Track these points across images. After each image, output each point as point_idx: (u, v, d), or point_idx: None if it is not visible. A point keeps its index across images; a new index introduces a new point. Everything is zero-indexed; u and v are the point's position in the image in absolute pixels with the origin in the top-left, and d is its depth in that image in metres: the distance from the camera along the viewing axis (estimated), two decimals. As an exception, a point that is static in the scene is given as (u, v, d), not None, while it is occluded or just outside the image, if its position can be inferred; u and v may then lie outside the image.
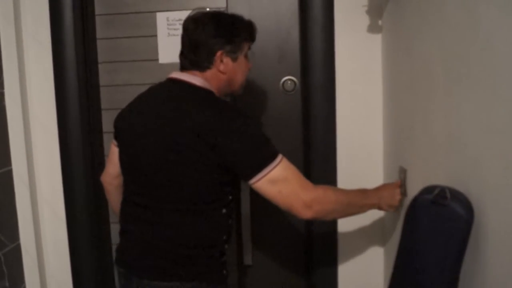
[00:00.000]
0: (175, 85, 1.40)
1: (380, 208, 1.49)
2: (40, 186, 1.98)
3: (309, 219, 1.35)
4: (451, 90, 1.14)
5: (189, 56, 1.41)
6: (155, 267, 1.35)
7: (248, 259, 2.02)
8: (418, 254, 1.13)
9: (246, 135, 1.30)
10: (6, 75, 1.81)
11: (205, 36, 1.37)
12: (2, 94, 1.80)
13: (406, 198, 1.50)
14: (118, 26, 2.01)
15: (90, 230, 2.00)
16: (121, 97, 1.97)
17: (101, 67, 2.04)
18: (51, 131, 1.96)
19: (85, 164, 1.97)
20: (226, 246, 1.43)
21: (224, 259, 1.43)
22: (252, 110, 1.99)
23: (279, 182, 1.29)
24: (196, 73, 1.40)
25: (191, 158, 1.28)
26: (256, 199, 1.66)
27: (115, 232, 1.87)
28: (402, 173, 1.55)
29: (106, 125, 2.04)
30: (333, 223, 1.92)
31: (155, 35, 2.00)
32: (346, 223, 1.90)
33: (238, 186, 1.87)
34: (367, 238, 1.93)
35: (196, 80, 1.38)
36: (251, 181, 1.30)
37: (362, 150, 1.89)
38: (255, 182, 1.29)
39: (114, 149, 1.53)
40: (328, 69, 1.86)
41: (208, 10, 1.47)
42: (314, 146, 1.90)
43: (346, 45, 1.85)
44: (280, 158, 1.31)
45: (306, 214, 1.31)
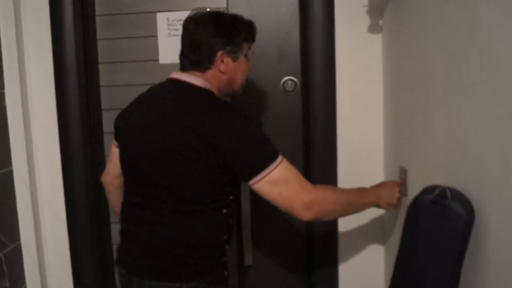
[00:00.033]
0: (176, 85, 1.40)
1: (379, 206, 1.49)
2: (40, 186, 1.98)
3: (309, 220, 1.35)
4: (451, 90, 1.14)
5: (189, 56, 1.41)
6: (156, 268, 1.35)
7: (248, 259, 2.02)
8: (419, 254, 1.13)
9: (246, 136, 1.30)
10: (7, 76, 1.81)
11: (205, 36, 1.37)
12: (3, 95, 1.80)
13: (406, 198, 1.50)
14: (118, 26, 2.01)
15: (91, 230, 2.00)
16: (121, 97, 1.97)
17: (101, 68, 2.04)
18: (52, 132, 1.96)
19: (85, 164, 1.97)
20: (226, 246, 1.43)
21: (224, 259, 1.43)
22: (252, 110, 1.99)
23: (279, 183, 1.29)
24: (196, 73, 1.40)
25: (192, 158, 1.28)
26: (256, 199, 1.65)
27: (116, 232, 1.88)
28: (403, 173, 1.55)
29: (107, 125, 2.04)
30: (333, 223, 1.92)
31: (156, 36, 2.00)
32: (346, 223, 1.90)
33: (238, 186, 1.87)
34: (368, 238, 1.93)
35: (196, 80, 1.38)
36: (251, 182, 1.29)
37: (363, 150, 1.89)
38: (255, 183, 1.29)
39: (114, 149, 1.53)
40: (328, 69, 1.86)
41: (208, 10, 1.47)
42: (314, 146, 1.90)
43: (347, 45, 1.85)
44: (280, 159, 1.30)
45: (306, 216, 1.31)
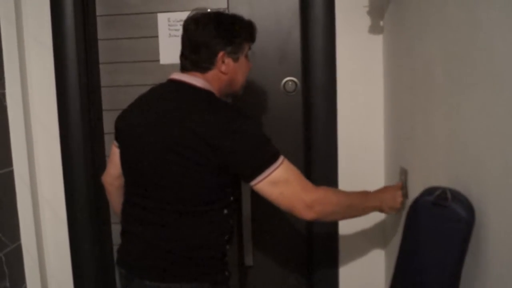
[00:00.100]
0: (176, 86, 1.40)
1: (381, 210, 1.49)
2: (41, 186, 1.98)
3: (310, 220, 1.35)
4: (452, 90, 1.14)
5: (189, 57, 1.40)
6: (156, 268, 1.35)
7: (249, 260, 2.02)
8: (419, 255, 1.12)
9: (247, 137, 1.30)
10: (8, 76, 1.81)
11: (206, 37, 1.37)
12: (4, 95, 1.80)
13: (407, 200, 1.50)
14: (119, 26, 2.01)
15: (91, 230, 2.00)
16: (122, 97, 1.98)
17: (102, 68, 2.04)
18: (52, 132, 1.96)
19: (86, 164, 1.97)
20: (227, 246, 1.43)
21: (225, 260, 1.43)
22: (253, 111, 1.99)
23: (280, 184, 1.29)
24: (196, 74, 1.40)
25: (192, 159, 1.28)
26: (257, 200, 1.66)
27: (116, 232, 1.87)
28: (403, 174, 1.55)
29: (107, 125, 2.04)
30: (334, 224, 1.92)
31: (156, 36, 2.00)
32: (347, 224, 1.89)
33: (239, 186, 1.87)
34: (368, 239, 1.93)
35: (196, 81, 1.38)
36: (252, 182, 1.30)
37: (363, 150, 1.89)
38: (256, 183, 1.29)
39: (115, 150, 1.53)
40: (329, 69, 1.85)
41: (208, 10, 1.47)
42: (315, 146, 1.90)
43: (347, 45, 1.85)
44: (281, 159, 1.30)
45: (308, 215, 1.31)
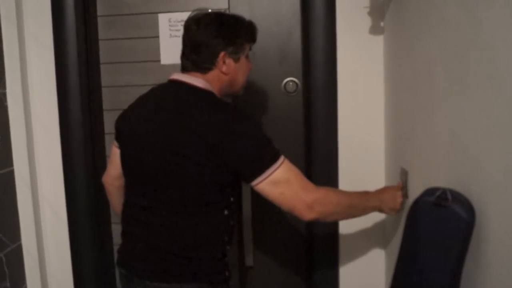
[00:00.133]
0: (176, 86, 1.40)
1: (381, 211, 1.49)
2: (41, 186, 1.98)
3: (311, 221, 1.35)
4: (452, 91, 1.14)
5: (190, 57, 1.40)
6: (157, 269, 1.35)
7: (249, 260, 2.02)
8: (420, 255, 1.13)
9: (248, 137, 1.30)
10: (8, 76, 1.81)
11: (207, 37, 1.37)
12: (4, 95, 1.80)
13: (407, 200, 1.50)
14: (120, 27, 2.02)
15: (92, 230, 2.00)
16: (123, 98, 1.98)
17: (103, 68, 2.04)
18: (53, 132, 1.96)
19: (86, 164, 1.97)
20: (228, 247, 1.43)
21: (226, 260, 1.43)
22: (254, 111, 1.99)
23: (281, 184, 1.29)
24: (197, 74, 1.40)
25: (193, 159, 1.28)
26: (257, 200, 1.66)
27: (117, 232, 1.87)
28: (404, 174, 1.55)
29: (108, 126, 2.04)
30: (334, 224, 1.92)
31: (157, 36, 2.00)
32: (347, 224, 1.90)
33: (239, 187, 1.87)
34: (369, 240, 1.93)
35: (197, 81, 1.38)
36: (253, 183, 1.30)
37: (364, 151, 1.89)
38: (257, 184, 1.29)
39: (115, 150, 1.53)
40: (329, 70, 1.85)
41: (209, 11, 1.47)
42: (315, 147, 1.90)
43: (348, 46, 1.85)
44: (282, 159, 1.30)
45: (308, 216, 1.31)
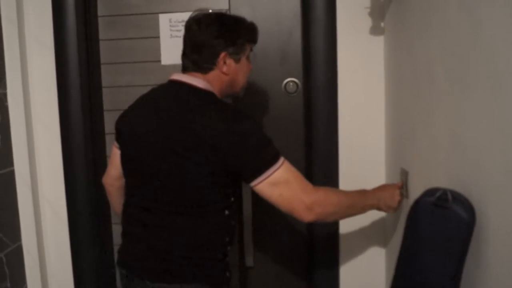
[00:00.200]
0: (177, 87, 1.40)
1: (379, 209, 1.49)
2: (42, 186, 1.98)
3: (309, 222, 1.35)
4: (452, 91, 1.14)
5: (191, 57, 1.40)
6: (158, 269, 1.35)
7: (249, 261, 2.02)
8: (420, 256, 1.12)
9: (248, 137, 1.29)
10: (9, 76, 1.82)
11: (208, 37, 1.37)
12: (5, 95, 1.80)
13: (407, 201, 1.50)
14: (120, 27, 2.02)
15: (92, 230, 2.00)
16: (123, 98, 1.98)
17: (103, 68, 2.05)
18: (54, 132, 1.96)
19: (87, 164, 1.97)
20: (228, 247, 1.42)
21: (227, 261, 1.43)
22: (254, 111, 1.99)
23: (280, 185, 1.29)
24: (197, 75, 1.40)
25: (193, 160, 1.28)
26: (258, 201, 1.65)
27: (117, 233, 1.87)
28: (404, 175, 1.55)
29: (108, 126, 2.04)
30: (334, 225, 1.92)
31: (158, 37, 2.00)
32: (347, 225, 1.89)
33: (240, 187, 1.87)
34: (369, 240, 1.93)
35: (197, 82, 1.38)
36: (253, 183, 1.30)
37: (364, 151, 1.89)
38: (257, 184, 1.29)
39: (115, 151, 1.53)
40: (330, 70, 1.85)
41: (210, 11, 1.47)
42: (316, 147, 1.90)
43: (348, 46, 1.85)
44: (282, 160, 1.30)
45: (308, 217, 1.31)
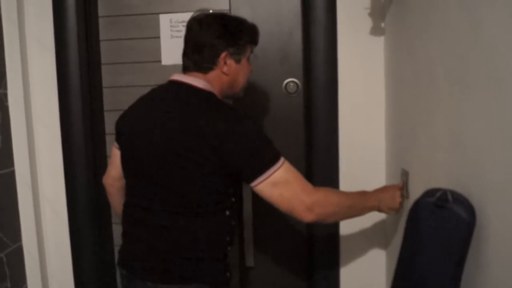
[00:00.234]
0: (177, 87, 1.40)
1: (380, 210, 1.49)
2: (42, 187, 1.98)
3: (310, 222, 1.35)
4: (452, 91, 1.14)
5: (192, 57, 1.40)
6: (158, 270, 1.35)
7: (250, 261, 2.02)
8: (420, 256, 1.12)
9: (248, 138, 1.30)
10: (9, 76, 1.82)
11: (209, 37, 1.37)
12: (5, 95, 1.80)
13: (408, 201, 1.50)
14: (121, 27, 2.02)
15: (92, 231, 2.00)
16: (124, 98, 1.98)
17: (104, 69, 2.05)
18: (54, 132, 1.96)
19: (87, 165, 1.97)
20: (229, 248, 1.42)
21: (227, 261, 1.43)
22: (254, 112, 1.99)
23: (280, 185, 1.29)
24: (198, 75, 1.40)
25: (194, 160, 1.28)
26: (258, 201, 1.65)
27: (117, 233, 1.88)
28: (404, 175, 1.55)
29: (109, 126, 2.04)
30: (335, 226, 1.92)
31: (158, 37, 2.00)
32: (348, 225, 1.89)
33: (240, 187, 1.87)
34: (369, 241, 1.93)
35: (198, 82, 1.38)
36: (253, 183, 1.30)
37: (364, 151, 1.89)
38: (257, 184, 1.29)
39: (115, 151, 1.53)
40: (330, 71, 1.85)
41: (211, 11, 1.47)
42: (316, 147, 1.90)
43: (349, 46, 1.85)
44: (282, 160, 1.30)
45: (308, 217, 1.31)
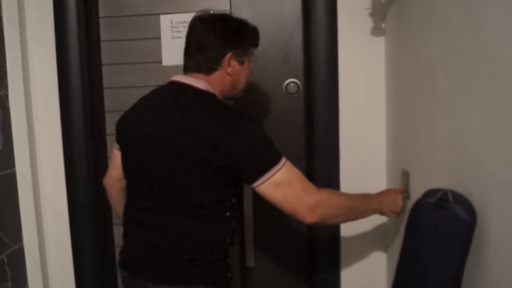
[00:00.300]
0: (178, 88, 1.39)
1: (382, 213, 1.49)
2: (43, 188, 1.98)
3: (312, 223, 1.34)
4: (453, 92, 1.14)
5: (195, 57, 1.40)
6: (159, 271, 1.35)
7: (250, 262, 2.02)
8: (421, 257, 1.12)
9: (250, 139, 1.29)
10: (10, 77, 1.82)
11: (213, 37, 1.37)
12: (6, 96, 1.81)
13: (408, 201, 1.50)
14: (122, 28, 2.02)
15: (93, 232, 2.01)
16: (124, 99, 1.98)
17: (104, 69, 2.05)
18: (55, 133, 1.96)
19: (88, 165, 1.98)
20: (230, 248, 1.42)
21: (228, 262, 1.43)
22: (255, 112, 1.99)
23: (283, 185, 1.29)
24: (199, 76, 1.39)
25: (195, 161, 1.28)
26: (259, 202, 1.66)
27: (118, 234, 1.88)
28: (405, 176, 1.55)
29: (110, 127, 2.05)
30: (335, 227, 1.92)
31: (159, 38, 2.00)
32: (348, 227, 1.89)
33: (241, 188, 1.87)
34: (370, 242, 1.93)
35: (199, 83, 1.38)
36: (255, 184, 1.29)
37: (365, 152, 1.89)
38: (259, 185, 1.29)
39: (116, 152, 1.53)
40: (331, 71, 1.85)
41: (212, 12, 1.47)
42: (317, 148, 1.90)
43: (349, 47, 1.85)
44: (283, 161, 1.30)
45: (310, 218, 1.31)
